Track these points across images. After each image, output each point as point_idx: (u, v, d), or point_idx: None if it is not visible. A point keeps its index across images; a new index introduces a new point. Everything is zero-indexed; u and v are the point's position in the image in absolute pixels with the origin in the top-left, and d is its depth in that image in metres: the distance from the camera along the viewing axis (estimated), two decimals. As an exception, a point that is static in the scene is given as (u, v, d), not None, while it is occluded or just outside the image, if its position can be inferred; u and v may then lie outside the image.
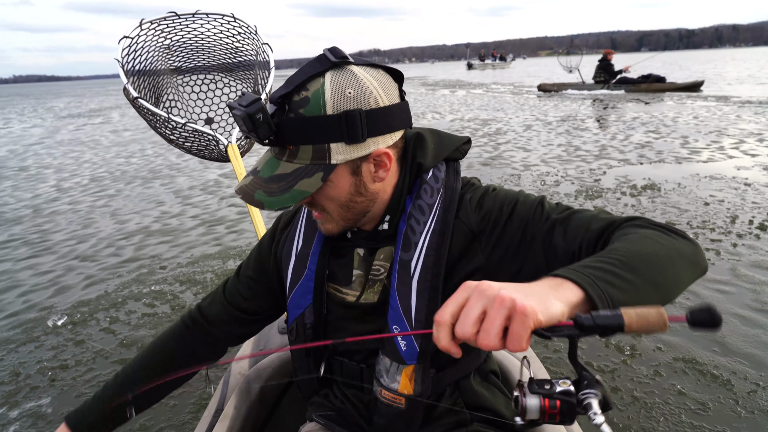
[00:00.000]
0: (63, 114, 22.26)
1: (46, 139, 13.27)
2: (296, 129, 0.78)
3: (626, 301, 0.61)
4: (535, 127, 10.28)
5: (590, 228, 0.80)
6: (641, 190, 5.27)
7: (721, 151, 7.06)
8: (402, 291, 0.90)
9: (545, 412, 0.57)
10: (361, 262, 0.97)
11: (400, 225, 0.91)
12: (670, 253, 0.72)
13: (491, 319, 0.55)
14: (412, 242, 0.90)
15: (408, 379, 0.92)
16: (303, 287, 0.99)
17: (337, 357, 1.03)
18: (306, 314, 1.00)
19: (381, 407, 0.97)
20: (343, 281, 0.98)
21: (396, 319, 0.91)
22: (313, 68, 0.78)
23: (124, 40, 2.06)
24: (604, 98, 15.40)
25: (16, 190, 7.14)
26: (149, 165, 8.61)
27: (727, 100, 13.06)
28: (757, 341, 2.52)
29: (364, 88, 0.78)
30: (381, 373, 0.95)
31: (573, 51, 20.39)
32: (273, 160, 0.83)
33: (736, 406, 2.08)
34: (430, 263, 0.88)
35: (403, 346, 0.91)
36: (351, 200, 0.86)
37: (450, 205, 0.90)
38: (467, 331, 0.56)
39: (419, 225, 0.89)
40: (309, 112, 0.76)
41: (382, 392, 0.95)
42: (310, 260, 0.99)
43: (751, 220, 4.17)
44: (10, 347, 2.88)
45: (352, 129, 0.77)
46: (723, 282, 3.16)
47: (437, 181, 0.91)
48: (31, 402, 2.38)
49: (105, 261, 4.18)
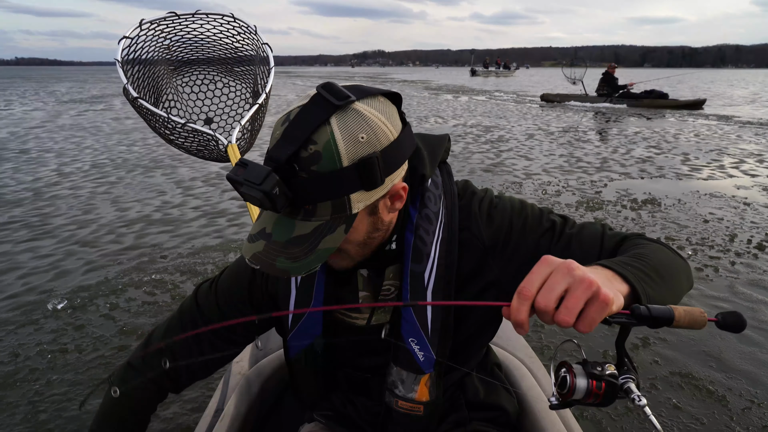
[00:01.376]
0: (65, 99, 22.17)
1: (47, 122, 13.21)
2: (312, 188, 0.69)
3: (656, 298, 0.69)
4: (537, 136, 10.32)
5: (605, 243, 0.86)
6: (642, 205, 5.30)
7: (722, 169, 7.11)
8: None
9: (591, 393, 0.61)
10: (366, 283, 0.93)
11: (407, 237, 0.87)
12: (677, 266, 0.82)
13: (576, 299, 0.57)
14: (423, 253, 0.87)
15: (425, 386, 0.93)
16: (310, 320, 0.95)
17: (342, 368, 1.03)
18: (316, 344, 0.97)
19: (397, 417, 0.96)
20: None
21: (412, 332, 0.89)
22: (315, 116, 0.68)
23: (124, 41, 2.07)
24: (606, 111, 15.48)
25: (16, 173, 7.11)
26: (151, 154, 8.60)
27: (729, 120, 13.15)
28: (754, 359, 2.55)
29: (374, 127, 0.70)
30: (395, 384, 0.94)
31: (577, 63, 20.51)
32: (285, 221, 0.73)
33: (731, 422, 2.10)
34: (442, 272, 0.87)
35: (421, 357, 0.90)
36: (369, 237, 0.81)
37: (453, 210, 0.89)
38: (550, 305, 0.58)
39: (428, 235, 0.87)
40: (323, 168, 0.68)
41: (398, 403, 0.94)
42: (315, 290, 0.92)
43: (750, 239, 4.21)
44: (9, 328, 2.88)
45: (371, 175, 0.70)
46: (721, 299, 3.19)
47: (437, 187, 0.89)
48: (30, 383, 2.38)
49: (105, 247, 4.18)
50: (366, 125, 0.69)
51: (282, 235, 0.73)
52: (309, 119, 0.68)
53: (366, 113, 0.70)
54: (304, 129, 0.67)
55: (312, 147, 0.67)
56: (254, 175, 0.65)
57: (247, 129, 2.33)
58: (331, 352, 1.00)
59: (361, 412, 1.05)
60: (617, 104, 16.78)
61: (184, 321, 1.02)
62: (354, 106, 0.70)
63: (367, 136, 0.69)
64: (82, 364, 2.55)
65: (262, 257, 0.72)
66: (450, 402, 1.05)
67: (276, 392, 1.37)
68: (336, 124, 0.68)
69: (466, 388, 1.06)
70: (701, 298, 3.20)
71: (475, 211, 0.91)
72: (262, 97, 2.29)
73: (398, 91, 0.77)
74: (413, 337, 0.89)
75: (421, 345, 0.89)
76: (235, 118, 2.41)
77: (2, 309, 3.12)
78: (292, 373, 1.05)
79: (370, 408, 1.04)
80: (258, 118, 2.37)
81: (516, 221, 0.90)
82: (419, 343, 0.89)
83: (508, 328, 1.53)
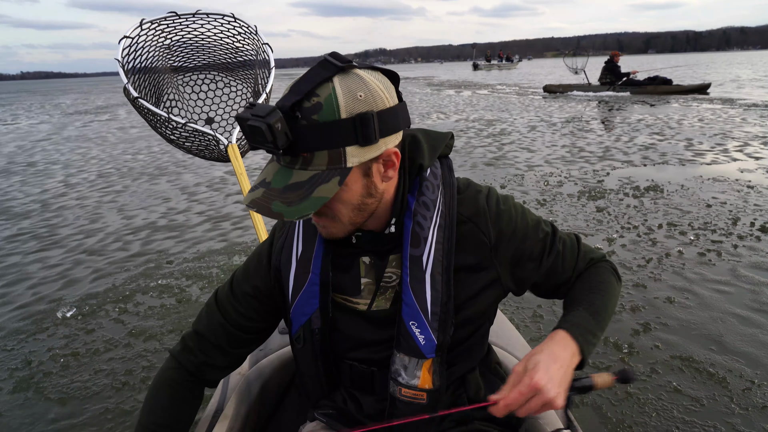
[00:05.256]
0: (70, 110, 22.39)
1: (53, 135, 13.38)
2: (311, 136, 0.76)
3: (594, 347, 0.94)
4: (539, 128, 10.30)
5: (578, 263, 1.04)
6: (644, 192, 5.29)
7: (725, 153, 7.07)
8: (416, 287, 0.92)
9: None
10: (368, 270, 0.96)
11: (406, 222, 0.92)
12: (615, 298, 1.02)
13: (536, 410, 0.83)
14: (421, 237, 0.91)
15: (428, 372, 0.94)
16: (307, 293, 0.97)
17: (347, 360, 1.03)
18: (313, 320, 0.98)
19: (401, 406, 0.97)
20: (352, 291, 0.98)
21: (412, 315, 0.92)
22: (319, 74, 0.76)
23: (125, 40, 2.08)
24: (609, 100, 15.40)
25: (24, 185, 7.22)
26: (156, 162, 8.69)
27: (733, 103, 13.04)
28: (755, 340, 2.56)
29: (372, 90, 0.77)
30: (398, 372, 0.95)
31: (579, 53, 20.36)
32: (284, 170, 0.79)
33: (731, 403, 2.12)
34: (440, 256, 0.91)
35: (422, 340, 0.93)
36: (363, 202, 0.85)
37: (451, 201, 0.94)
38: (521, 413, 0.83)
39: (426, 220, 0.91)
40: (323, 117, 0.74)
41: (401, 391, 0.96)
42: (313, 264, 0.96)
43: (753, 222, 4.20)
44: (21, 337, 2.95)
45: (366, 131, 0.77)
46: (723, 282, 3.20)
47: (436, 178, 0.94)
48: (45, 385, 2.45)
49: (112, 255, 4.25)
50: (365, 87, 0.77)
51: (280, 183, 0.79)
52: (314, 77, 0.76)
53: (366, 78, 0.78)
54: (309, 83, 0.75)
55: (314, 99, 0.75)
56: (260, 110, 0.74)
57: None
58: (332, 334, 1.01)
59: (364, 409, 1.05)
60: (620, 92, 16.68)
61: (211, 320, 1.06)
62: (355, 71, 0.78)
63: (365, 95, 0.76)
64: (95, 365, 2.61)
65: (260, 201, 0.79)
66: (452, 398, 1.05)
67: (276, 393, 1.37)
68: (338, 81, 0.76)
69: (469, 385, 1.06)
70: (703, 282, 3.21)
71: (483, 206, 0.96)
72: (262, 97, 2.31)
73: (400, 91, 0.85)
74: (414, 321, 0.92)
75: (422, 328, 0.92)
76: None
77: (13, 319, 3.19)
78: (297, 364, 1.07)
79: (373, 404, 1.04)
80: None
81: (520, 226, 0.98)
82: (419, 326, 0.92)
83: (508, 328, 1.55)
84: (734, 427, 1.98)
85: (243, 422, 1.20)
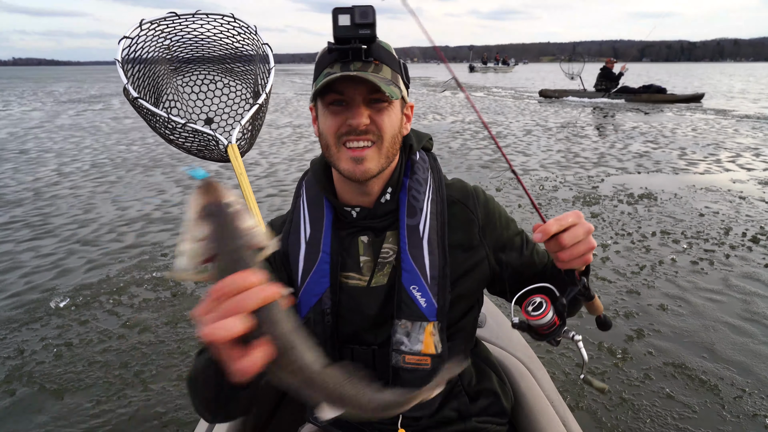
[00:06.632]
0: (63, 99, 22.17)
1: (46, 123, 13.23)
2: (381, 49, 0.93)
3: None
4: (535, 132, 10.36)
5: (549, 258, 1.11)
6: (638, 199, 5.34)
7: (718, 163, 7.15)
8: (414, 253, 0.98)
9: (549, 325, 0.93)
10: (366, 248, 1.01)
11: (401, 198, 1.01)
12: None
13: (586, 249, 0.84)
14: (417, 209, 1.00)
15: (431, 337, 0.97)
16: (318, 272, 0.99)
17: (347, 344, 1.04)
18: (323, 300, 0.99)
19: (404, 375, 0.98)
20: (352, 268, 1.01)
21: (412, 280, 0.97)
22: None
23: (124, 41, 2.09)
24: (604, 106, 15.51)
25: (16, 173, 7.14)
26: (150, 153, 8.63)
27: (726, 114, 13.19)
28: (746, 349, 2.59)
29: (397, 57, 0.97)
30: (401, 341, 0.97)
31: (575, 58, 20.53)
32: (361, 71, 0.89)
33: (722, 411, 2.15)
34: (434, 225, 1.00)
35: (423, 303, 0.97)
36: (396, 136, 0.96)
37: (440, 182, 1.05)
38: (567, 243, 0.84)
39: (420, 194, 1.02)
40: (384, 45, 0.94)
41: (404, 359, 0.97)
42: (323, 242, 1.00)
43: (744, 232, 4.25)
44: (13, 326, 2.92)
45: (405, 72, 0.97)
46: (715, 291, 3.24)
47: (425, 162, 1.07)
48: (37, 375, 2.43)
49: (106, 246, 4.22)
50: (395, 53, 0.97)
51: (364, 72, 0.89)
52: None
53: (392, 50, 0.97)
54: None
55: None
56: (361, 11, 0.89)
57: (248, 129, 2.35)
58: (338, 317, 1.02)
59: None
60: (615, 99, 16.80)
61: None
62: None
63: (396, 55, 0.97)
64: (89, 355, 2.59)
65: (352, 74, 0.87)
66: (450, 387, 1.08)
67: (275, 393, 1.37)
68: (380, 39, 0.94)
69: (462, 375, 1.10)
70: (695, 291, 3.24)
71: (471, 191, 1.08)
72: (262, 97, 2.31)
73: None
74: (414, 284, 0.97)
75: (423, 291, 0.97)
76: (236, 118, 2.43)
77: (5, 308, 3.16)
78: None
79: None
80: (258, 118, 2.39)
81: (503, 215, 1.10)
82: (420, 290, 0.97)
83: (507, 328, 1.56)
84: (726, 434, 2.01)
85: (243, 422, 1.21)
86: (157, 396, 2.31)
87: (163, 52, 2.33)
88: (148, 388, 2.36)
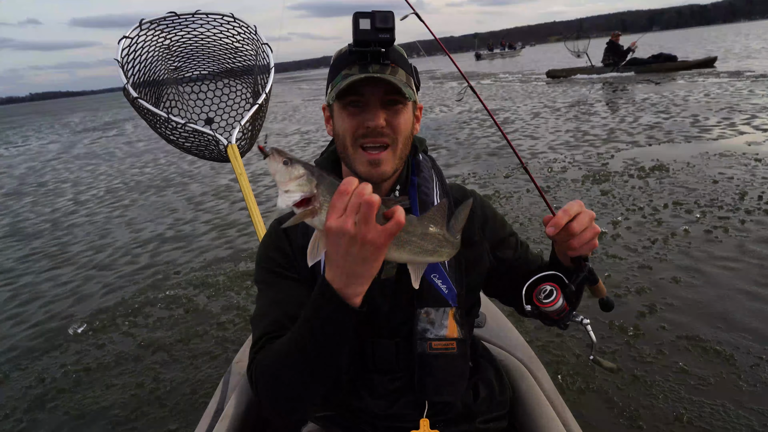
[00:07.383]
0: (78, 128, 22.69)
1: (62, 154, 13.57)
2: (397, 52, 0.97)
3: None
4: (543, 114, 10.23)
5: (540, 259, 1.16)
6: (649, 172, 5.23)
7: (732, 127, 6.96)
8: None
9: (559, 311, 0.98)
10: None
11: (412, 194, 1.07)
12: None
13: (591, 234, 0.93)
14: (428, 203, 1.05)
15: (454, 321, 1.01)
16: None
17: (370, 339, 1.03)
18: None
19: (431, 361, 0.99)
20: None
21: (432, 268, 1.01)
22: None
23: (124, 41, 2.09)
24: (613, 81, 15.22)
25: (35, 206, 7.34)
26: (162, 174, 8.78)
27: (740, 76, 12.83)
28: (763, 316, 2.52)
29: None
30: (425, 330, 1.00)
31: (582, 35, 20.11)
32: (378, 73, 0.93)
33: (738, 380, 2.09)
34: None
35: (445, 289, 1.02)
36: (408, 137, 1.01)
37: (443, 179, 1.12)
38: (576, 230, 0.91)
39: (429, 190, 1.08)
40: (398, 48, 0.98)
41: (431, 345, 1.00)
42: None
43: (761, 195, 4.13)
44: (35, 355, 3.00)
45: (417, 75, 1.02)
46: (730, 259, 3.15)
47: (427, 161, 1.14)
48: (58, 403, 2.49)
49: (122, 269, 4.31)
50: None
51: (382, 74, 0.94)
52: None
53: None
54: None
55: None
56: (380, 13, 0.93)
57: (248, 129, 2.35)
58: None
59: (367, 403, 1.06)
60: (624, 72, 16.47)
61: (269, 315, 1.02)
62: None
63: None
64: (106, 379, 2.65)
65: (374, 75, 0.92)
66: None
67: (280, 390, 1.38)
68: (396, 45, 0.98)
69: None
70: (710, 260, 3.17)
71: (469, 192, 1.17)
72: (262, 97, 2.31)
73: None
74: (435, 272, 1.02)
75: (443, 279, 1.02)
76: (236, 118, 2.43)
77: (27, 338, 3.25)
78: None
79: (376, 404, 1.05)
80: (258, 118, 2.39)
81: (498, 215, 1.19)
82: (441, 277, 1.02)
83: (508, 328, 1.55)
84: (742, 404, 1.96)
85: (243, 422, 1.21)
86: (170, 411, 2.35)
87: (163, 51, 2.35)
88: (163, 404, 2.40)
